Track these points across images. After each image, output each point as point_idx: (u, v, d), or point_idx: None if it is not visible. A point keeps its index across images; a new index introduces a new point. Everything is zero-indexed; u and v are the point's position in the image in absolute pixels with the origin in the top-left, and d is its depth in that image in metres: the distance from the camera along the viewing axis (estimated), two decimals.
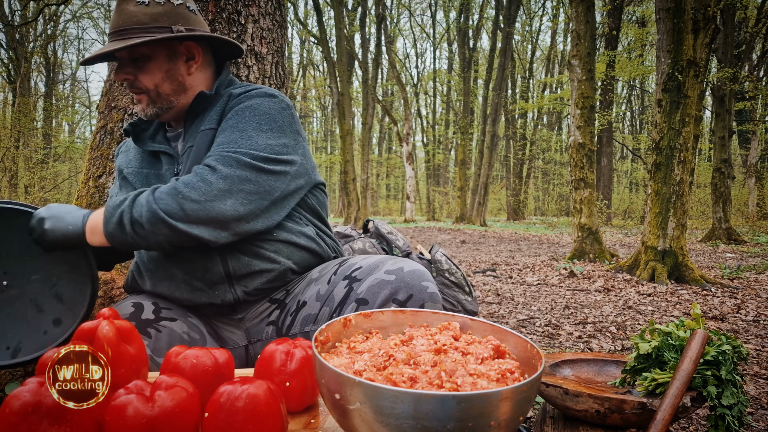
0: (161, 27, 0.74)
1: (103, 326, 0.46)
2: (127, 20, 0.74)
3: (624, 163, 20.13)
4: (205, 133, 0.78)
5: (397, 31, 18.67)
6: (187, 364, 0.48)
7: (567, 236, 8.35)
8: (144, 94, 0.77)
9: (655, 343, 0.69)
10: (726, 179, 7.02)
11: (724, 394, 0.65)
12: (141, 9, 0.74)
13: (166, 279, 0.77)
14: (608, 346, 1.86)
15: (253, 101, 0.76)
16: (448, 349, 0.47)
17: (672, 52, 3.58)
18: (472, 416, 0.36)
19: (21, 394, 0.39)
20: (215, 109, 0.79)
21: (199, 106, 0.80)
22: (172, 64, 0.77)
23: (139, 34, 0.74)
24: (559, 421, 0.71)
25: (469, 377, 0.41)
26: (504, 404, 0.38)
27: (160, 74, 0.77)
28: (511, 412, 0.39)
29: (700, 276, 3.37)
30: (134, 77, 0.76)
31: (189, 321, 0.76)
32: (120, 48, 0.72)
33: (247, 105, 0.76)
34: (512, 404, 0.38)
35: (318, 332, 0.49)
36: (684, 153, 3.56)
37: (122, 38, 0.74)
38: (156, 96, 0.78)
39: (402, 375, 0.42)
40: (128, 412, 0.39)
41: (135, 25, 0.74)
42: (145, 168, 0.82)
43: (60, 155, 12.41)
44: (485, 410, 0.37)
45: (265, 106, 0.75)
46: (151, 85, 0.77)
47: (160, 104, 0.78)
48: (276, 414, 0.43)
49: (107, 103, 1.31)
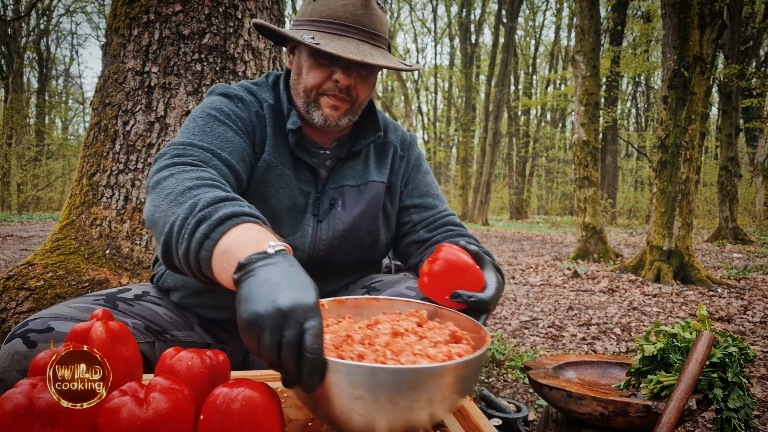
0: (385, 39, 0.71)
1: (97, 327, 0.46)
2: (377, 24, 0.69)
3: (629, 161, 19.97)
4: (374, 185, 0.75)
5: (397, 25, 18.56)
6: (182, 366, 0.47)
7: (571, 236, 8.30)
8: (349, 102, 0.70)
9: (661, 344, 0.67)
10: (733, 178, 6.94)
11: (730, 396, 0.63)
12: (381, 15, 0.70)
13: (210, 299, 0.70)
14: (612, 347, 1.84)
15: (425, 164, 0.84)
16: (407, 333, 0.50)
17: (678, 48, 3.53)
18: (401, 389, 0.39)
19: (13, 396, 0.38)
20: (372, 149, 0.79)
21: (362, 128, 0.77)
22: (374, 81, 0.74)
23: (383, 44, 0.70)
24: (563, 424, 0.70)
25: (413, 356, 0.44)
26: (434, 380, 0.40)
27: (369, 89, 0.72)
28: (443, 390, 0.41)
29: (706, 276, 3.33)
30: (354, 83, 0.69)
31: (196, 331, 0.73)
32: (390, 67, 0.66)
33: (425, 169, 0.84)
34: (443, 382, 0.41)
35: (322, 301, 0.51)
36: (690, 151, 3.52)
37: (374, 43, 0.68)
38: (357, 108, 0.72)
39: (352, 352, 0.44)
40: (122, 415, 0.39)
41: (382, 33, 0.70)
42: (289, 170, 0.70)
43: (53, 152, 12.47)
44: (414, 384, 0.40)
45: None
46: (363, 96, 0.72)
47: (351, 117, 0.72)
48: (273, 416, 0.42)
49: (101, 100, 1.30)
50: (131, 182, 1.24)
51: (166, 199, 0.54)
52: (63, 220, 1.27)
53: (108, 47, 1.33)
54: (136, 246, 1.22)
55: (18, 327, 0.59)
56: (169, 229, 0.51)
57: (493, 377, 1.45)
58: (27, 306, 1.06)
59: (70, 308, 0.63)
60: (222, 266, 0.46)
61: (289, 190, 0.71)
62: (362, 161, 0.78)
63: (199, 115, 0.68)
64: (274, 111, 0.73)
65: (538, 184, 20.50)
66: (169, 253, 0.51)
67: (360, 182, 0.76)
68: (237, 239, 0.46)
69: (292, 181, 0.71)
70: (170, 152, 0.62)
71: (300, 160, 0.73)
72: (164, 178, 0.57)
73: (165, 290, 0.77)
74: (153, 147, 1.26)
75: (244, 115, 0.70)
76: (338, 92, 0.69)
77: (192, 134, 0.65)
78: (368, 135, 0.78)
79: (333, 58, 0.67)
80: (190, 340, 0.72)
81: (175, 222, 0.51)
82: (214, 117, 0.68)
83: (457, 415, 0.54)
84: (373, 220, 0.76)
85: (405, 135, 0.86)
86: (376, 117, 0.79)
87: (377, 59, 0.66)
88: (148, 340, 0.67)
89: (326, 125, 0.71)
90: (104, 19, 13.83)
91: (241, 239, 0.46)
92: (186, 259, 0.49)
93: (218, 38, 1.30)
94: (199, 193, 0.52)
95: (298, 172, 0.73)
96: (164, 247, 0.51)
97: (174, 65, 1.27)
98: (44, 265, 1.14)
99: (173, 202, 0.53)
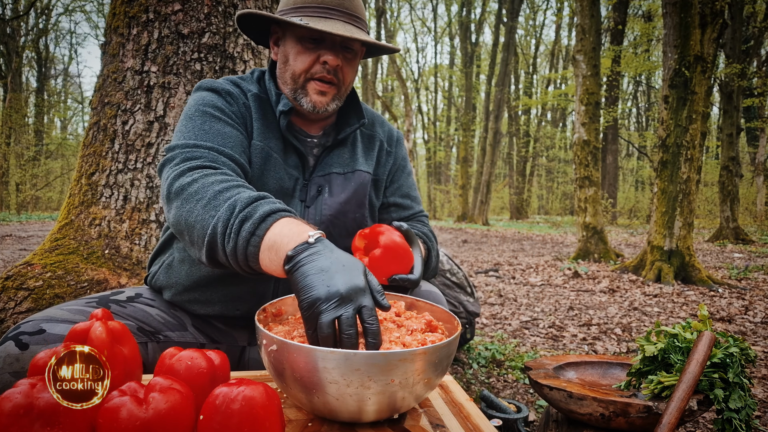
0: (366, 24, 0.73)
1: (96, 327, 0.46)
2: (358, 8, 0.71)
3: (630, 161, 19.94)
4: (360, 174, 0.77)
5: (397, 25, 18.56)
6: (181, 366, 0.47)
7: (571, 236, 8.29)
8: (336, 86, 0.72)
9: (661, 345, 0.67)
10: (734, 177, 6.93)
11: (731, 397, 0.63)
12: (360, 1, 0.72)
13: (201, 294, 0.71)
14: (613, 348, 1.83)
15: (408, 163, 0.87)
16: (386, 321, 0.54)
17: (679, 47, 3.53)
18: (372, 372, 0.43)
19: (12, 396, 0.38)
20: (359, 138, 0.80)
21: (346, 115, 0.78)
22: (357, 65, 0.75)
23: (365, 28, 0.72)
24: (563, 424, 0.70)
25: (388, 343, 0.48)
26: (404, 365, 0.43)
27: (354, 72, 0.74)
28: (413, 375, 0.44)
29: (707, 276, 3.33)
30: (341, 65, 0.71)
31: (190, 330, 0.73)
32: (374, 43, 0.69)
33: (409, 170, 0.86)
34: (413, 367, 0.44)
35: (269, 304, 0.57)
36: (691, 150, 3.51)
37: (357, 25, 0.71)
38: (344, 92, 0.74)
39: None
40: (122, 415, 0.39)
41: (363, 17, 0.72)
42: (276, 153, 0.72)
43: (52, 152, 12.44)
44: (385, 368, 0.43)
45: None
46: (348, 80, 0.73)
47: (339, 102, 0.74)
48: (273, 416, 0.42)
49: (100, 99, 1.30)
50: (130, 182, 1.24)
51: (198, 203, 0.58)
52: (62, 219, 1.27)
53: (107, 46, 1.33)
54: (135, 246, 1.22)
55: (10, 330, 0.59)
56: (212, 230, 0.56)
57: (494, 378, 1.44)
58: (26, 306, 1.06)
59: (62, 311, 0.63)
60: (270, 259, 0.53)
61: (275, 173, 0.72)
62: (349, 150, 0.79)
63: (194, 113, 0.69)
64: (258, 100, 0.74)
65: (539, 183, 20.48)
66: (214, 251, 0.57)
67: (347, 170, 0.78)
68: (280, 233, 0.53)
69: (279, 163, 0.73)
70: (179, 157, 0.64)
71: (289, 144, 0.74)
72: (188, 183, 0.60)
73: (158, 289, 0.77)
74: (152, 146, 1.26)
75: (235, 108, 0.72)
76: (326, 74, 0.70)
77: (193, 134, 0.66)
78: (352, 123, 0.79)
79: (320, 41, 0.70)
80: (184, 340, 0.72)
81: (218, 223, 0.55)
82: (209, 114, 0.69)
83: (457, 415, 0.54)
84: (359, 208, 0.78)
85: (392, 131, 0.87)
86: (359, 104, 0.80)
87: (363, 36, 0.69)
88: (141, 341, 0.67)
89: (315, 111, 0.72)
90: (103, 18, 13.81)
91: (283, 233, 0.52)
92: (234, 256, 0.55)
93: (218, 37, 1.30)
94: (233, 195, 0.57)
95: (286, 156, 0.74)
96: (209, 246, 0.56)
97: (173, 64, 1.26)
98: (43, 265, 1.14)
99: (207, 206, 0.57)
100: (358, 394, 0.44)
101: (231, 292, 0.72)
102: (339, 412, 0.46)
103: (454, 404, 0.57)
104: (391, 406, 0.46)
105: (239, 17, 0.72)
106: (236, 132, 0.69)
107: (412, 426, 0.50)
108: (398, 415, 0.50)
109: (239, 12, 0.71)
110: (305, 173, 0.75)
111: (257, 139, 0.71)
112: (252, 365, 0.76)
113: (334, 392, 0.44)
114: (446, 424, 0.51)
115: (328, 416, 0.48)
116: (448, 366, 0.49)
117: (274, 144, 0.73)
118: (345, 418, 0.48)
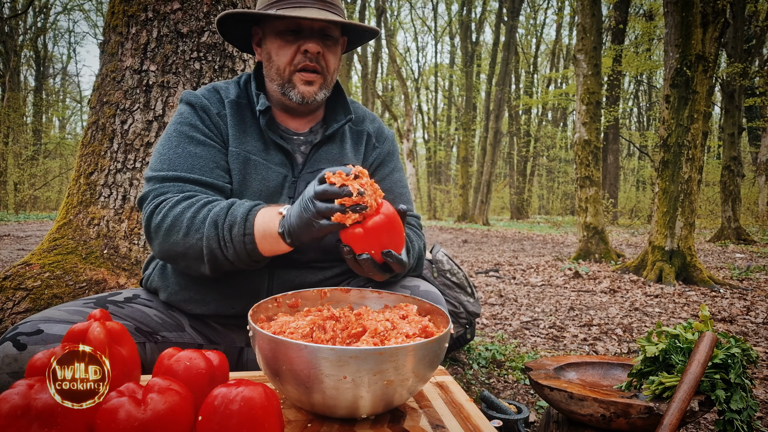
0: (342, 11, 0.74)
1: (94, 328, 0.46)
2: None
3: (631, 161, 19.91)
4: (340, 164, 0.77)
5: (397, 24, 18.51)
6: (180, 367, 0.47)
7: (572, 236, 8.28)
8: (321, 75, 0.73)
9: (663, 345, 0.67)
10: (735, 177, 6.91)
11: (732, 398, 0.63)
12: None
13: (196, 293, 0.72)
14: (614, 348, 1.83)
15: (396, 162, 0.85)
16: (386, 322, 0.57)
17: (680, 47, 3.52)
18: (362, 368, 0.45)
19: (10, 397, 0.38)
20: (348, 135, 0.79)
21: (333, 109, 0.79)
22: (339, 53, 0.76)
23: (340, 14, 0.72)
24: (564, 425, 0.69)
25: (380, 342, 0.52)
26: (393, 361, 0.45)
27: (337, 60, 0.75)
28: (400, 371, 0.46)
29: (708, 277, 3.32)
30: (323, 52, 0.72)
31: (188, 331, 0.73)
32: (350, 23, 0.70)
33: (394, 166, 0.84)
34: (399, 363, 0.46)
35: (284, 295, 0.62)
36: (692, 150, 3.50)
37: (333, 11, 0.71)
38: (330, 81, 0.74)
39: (324, 332, 0.54)
40: (120, 416, 0.38)
41: (339, 5, 0.73)
42: (255, 155, 0.73)
43: (50, 151, 12.43)
44: (375, 365, 0.45)
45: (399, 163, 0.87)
46: (332, 67, 0.74)
47: (326, 92, 0.75)
48: (272, 417, 0.42)
49: (99, 98, 1.30)
50: (129, 181, 1.24)
51: (178, 234, 0.64)
52: (60, 219, 1.27)
53: (106, 45, 1.33)
54: (134, 246, 1.21)
55: (8, 331, 0.59)
56: (207, 249, 0.64)
57: (494, 378, 1.44)
58: (24, 306, 1.06)
59: (59, 311, 0.64)
60: (269, 243, 0.63)
61: (257, 174, 0.74)
62: (338, 146, 0.80)
63: (172, 133, 0.73)
64: (236, 105, 0.76)
65: (539, 183, 20.45)
66: (217, 263, 0.64)
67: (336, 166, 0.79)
68: (263, 222, 0.62)
69: (260, 164, 0.74)
70: (151, 195, 0.69)
71: (271, 143, 0.75)
72: (161, 220, 0.66)
73: (153, 291, 0.77)
74: (151, 146, 1.25)
75: (208, 122, 0.74)
76: (309, 62, 0.72)
77: (167, 160, 0.70)
78: (340, 118, 0.80)
79: (298, 32, 0.72)
80: (182, 341, 0.72)
81: (209, 242, 0.63)
82: (184, 135, 0.72)
83: (457, 416, 0.54)
84: None
85: (382, 128, 0.87)
86: (345, 99, 0.81)
87: (339, 18, 0.71)
88: (139, 341, 0.68)
89: (305, 102, 0.74)
90: (102, 17, 13.78)
91: (265, 220, 0.62)
92: (236, 258, 0.64)
93: (217, 36, 1.29)
94: (206, 214, 0.64)
95: (268, 155, 0.75)
96: (211, 262, 0.64)
97: (172, 63, 1.26)
98: (41, 265, 1.14)
99: (188, 233, 0.64)
100: (352, 388, 0.45)
101: (225, 290, 0.73)
102: (336, 408, 0.47)
103: (454, 405, 0.57)
104: (386, 399, 0.48)
105: (219, 23, 0.74)
106: (208, 149, 0.72)
107: (411, 426, 0.50)
108: (395, 407, 0.52)
109: (218, 16, 0.73)
110: (294, 170, 0.76)
111: (233, 146, 0.73)
112: (250, 366, 0.76)
113: (330, 385, 0.45)
114: (446, 425, 0.51)
115: (322, 411, 0.48)
116: (439, 361, 0.51)
117: (252, 146, 0.74)
118: (342, 413, 0.48)
